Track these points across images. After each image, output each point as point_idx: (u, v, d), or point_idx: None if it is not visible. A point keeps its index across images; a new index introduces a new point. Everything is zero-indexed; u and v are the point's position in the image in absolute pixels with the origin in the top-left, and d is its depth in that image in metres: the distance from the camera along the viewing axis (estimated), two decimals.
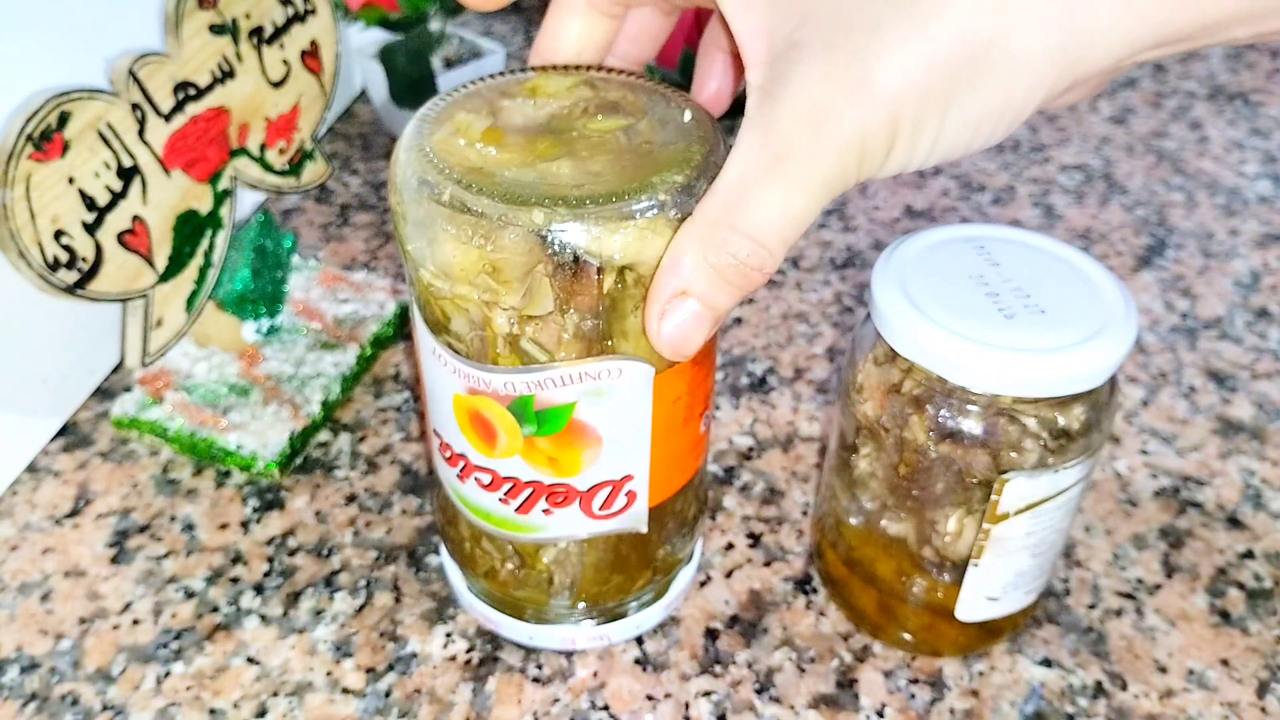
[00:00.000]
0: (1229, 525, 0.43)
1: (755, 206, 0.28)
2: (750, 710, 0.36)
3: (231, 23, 0.42)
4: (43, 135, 0.35)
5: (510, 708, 0.36)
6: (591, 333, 0.28)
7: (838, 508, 0.37)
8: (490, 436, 0.31)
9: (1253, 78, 0.77)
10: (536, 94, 0.31)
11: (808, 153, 0.27)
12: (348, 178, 0.64)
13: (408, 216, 0.28)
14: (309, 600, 0.40)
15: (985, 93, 0.26)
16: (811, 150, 0.27)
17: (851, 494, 0.36)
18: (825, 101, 0.27)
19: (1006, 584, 0.35)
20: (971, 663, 0.38)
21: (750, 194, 0.28)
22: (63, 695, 0.37)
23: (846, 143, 0.27)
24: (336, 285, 0.52)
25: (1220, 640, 0.39)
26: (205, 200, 0.43)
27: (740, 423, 0.48)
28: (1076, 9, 0.26)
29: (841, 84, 0.26)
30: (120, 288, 0.40)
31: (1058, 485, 0.32)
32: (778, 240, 0.28)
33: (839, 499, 0.37)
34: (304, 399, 0.46)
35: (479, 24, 0.82)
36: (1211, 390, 0.50)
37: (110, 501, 0.44)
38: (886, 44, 0.26)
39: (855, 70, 0.26)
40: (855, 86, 0.26)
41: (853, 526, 0.37)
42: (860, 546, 0.37)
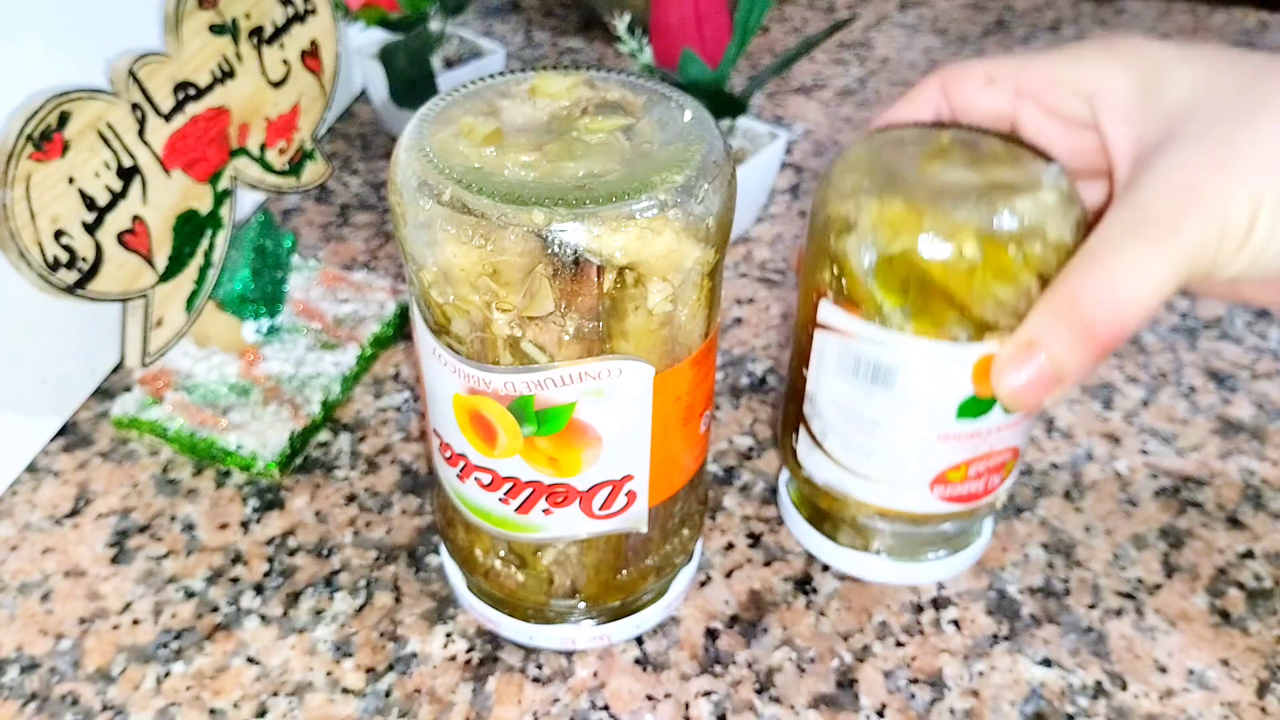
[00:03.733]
0: (1229, 525, 0.43)
1: (1113, 266, 0.29)
2: (750, 710, 0.36)
3: (231, 23, 0.42)
4: (43, 135, 0.35)
5: (510, 708, 0.36)
6: (592, 333, 0.28)
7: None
8: (490, 436, 0.31)
9: None
10: (536, 94, 0.31)
11: (1170, 221, 0.28)
12: (348, 178, 0.64)
13: (408, 217, 0.28)
14: (309, 600, 0.40)
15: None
16: (1175, 219, 0.28)
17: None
18: (1192, 180, 0.28)
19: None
20: (971, 663, 0.38)
21: (1108, 255, 0.29)
22: (63, 695, 0.37)
23: (1210, 218, 0.28)
24: (336, 285, 0.52)
25: (1220, 640, 0.39)
26: (205, 200, 0.43)
27: (740, 423, 0.48)
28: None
29: (1208, 165, 0.28)
30: (120, 288, 0.40)
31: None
32: (1132, 303, 0.29)
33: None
34: (304, 399, 0.46)
35: (479, 24, 0.82)
36: (1211, 390, 0.50)
37: (110, 501, 0.44)
38: (1257, 129, 0.28)
39: (1223, 153, 0.28)
40: (1222, 166, 0.28)
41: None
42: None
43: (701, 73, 0.51)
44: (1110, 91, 0.32)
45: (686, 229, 0.28)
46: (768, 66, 0.54)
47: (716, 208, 0.28)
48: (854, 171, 0.33)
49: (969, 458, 0.34)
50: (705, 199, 0.28)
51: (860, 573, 0.39)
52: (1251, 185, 0.28)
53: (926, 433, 0.33)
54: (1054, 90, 0.33)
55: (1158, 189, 0.29)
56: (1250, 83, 0.29)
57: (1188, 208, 0.28)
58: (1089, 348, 0.30)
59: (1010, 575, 0.41)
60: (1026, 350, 0.30)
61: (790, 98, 0.74)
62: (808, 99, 0.73)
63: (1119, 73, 0.32)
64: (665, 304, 0.29)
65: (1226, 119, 0.29)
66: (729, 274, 0.57)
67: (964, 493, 0.35)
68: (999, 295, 0.30)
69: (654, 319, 0.29)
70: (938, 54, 0.80)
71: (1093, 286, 0.29)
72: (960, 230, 0.30)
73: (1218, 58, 0.31)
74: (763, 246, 0.59)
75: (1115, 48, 0.32)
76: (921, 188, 0.31)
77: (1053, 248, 0.31)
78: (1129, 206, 0.29)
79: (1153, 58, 0.31)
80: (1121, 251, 0.29)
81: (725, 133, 0.43)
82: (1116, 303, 0.29)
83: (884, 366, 0.32)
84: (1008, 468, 0.35)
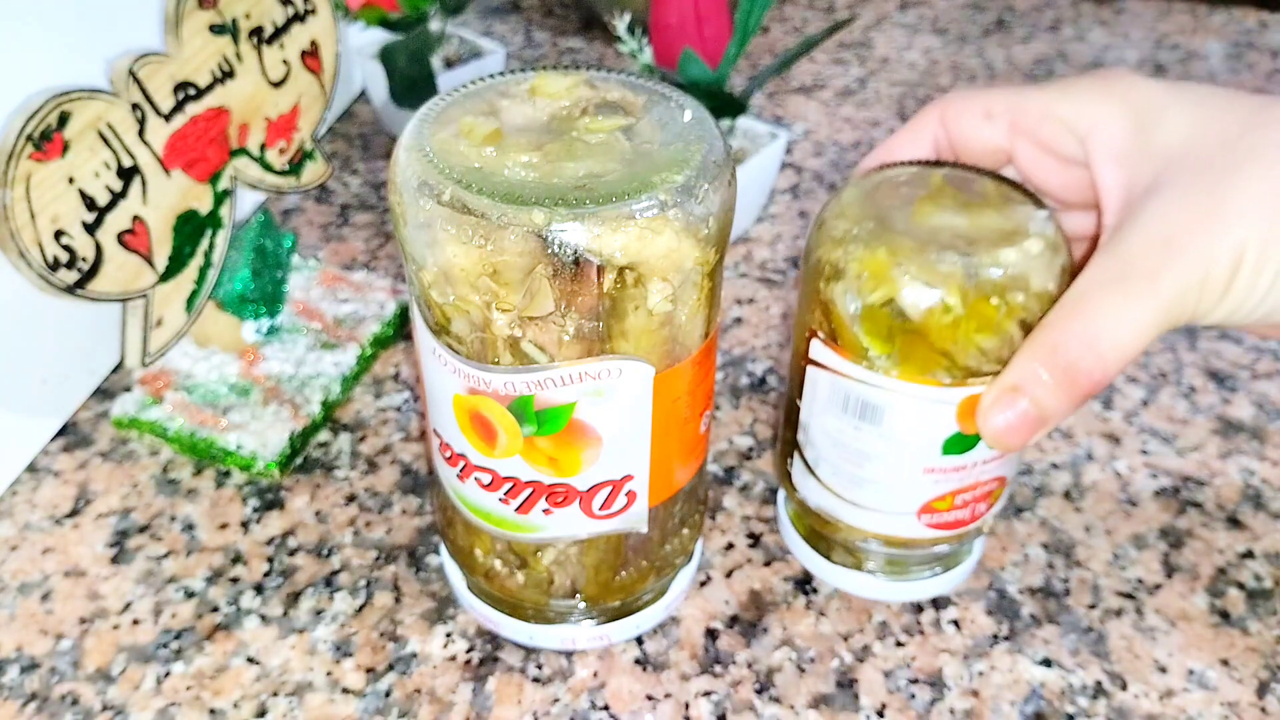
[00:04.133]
0: (1229, 525, 0.43)
1: (1094, 314, 0.29)
2: (750, 710, 0.36)
3: (231, 23, 0.42)
4: (43, 135, 0.35)
5: (510, 708, 0.36)
6: (592, 333, 0.28)
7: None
8: (490, 436, 0.31)
9: (1253, 78, 0.77)
10: (536, 94, 0.31)
11: (1153, 271, 0.29)
12: (348, 178, 0.64)
13: (408, 217, 0.28)
14: (309, 600, 0.40)
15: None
16: (1157, 269, 0.29)
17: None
18: (1176, 230, 0.29)
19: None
20: (971, 663, 0.38)
21: (1090, 303, 0.30)
22: (63, 695, 0.37)
23: (1191, 270, 0.29)
24: (336, 285, 0.52)
25: (1220, 640, 0.39)
26: (205, 200, 0.43)
27: (740, 423, 0.48)
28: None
29: (1193, 216, 0.29)
30: (120, 288, 0.40)
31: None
32: (1112, 347, 0.29)
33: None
34: (304, 399, 0.46)
35: (479, 24, 0.82)
36: (1211, 390, 0.50)
37: (110, 501, 0.44)
38: (1241, 184, 0.29)
39: (1207, 207, 0.29)
40: (1206, 217, 0.29)
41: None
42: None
43: (701, 73, 0.51)
44: (1103, 132, 0.32)
45: (686, 229, 0.28)
46: (768, 66, 0.54)
47: (716, 208, 0.28)
48: (843, 217, 0.33)
49: (954, 489, 0.35)
50: (705, 199, 0.28)
51: (853, 590, 0.39)
52: (1233, 241, 0.29)
53: (913, 467, 0.34)
54: (1048, 128, 0.33)
55: (1141, 239, 0.30)
56: (1238, 132, 0.30)
57: (1170, 260, 0.29)
58: (1071, 392, 0.30)
59: (1010, 575, 0.41)
60: (1010, 394, 0.31)
61: (790, 98, 0.74)
62: (808, 99, 0.73)
63: (1112, 114, 0.32)
64: (665, 304, 0.29)
65: (1212, 171, 0.29)
66: (729, 274, 0.57)
67: (950, 520, 0.36)
68: (982, 345, 0.31)
69: (654, 319, 0.29)
70: (938, 54, 0.80)
71: (1075, 334, 0.30)
72: (943, 283, 0.31)
73: (1210, 103, 0.31)
74: (763, 246, 0.59)
75: (1111, 87, 0.32)
76: (908, 236, 0.32)
77: (1035, 297, 0.31)
78: (1114, 255, 0.30)
79: (1146, 99, 0.32)
80: (1104, 301, 0.29)
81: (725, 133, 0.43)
82: (1098, 350, 0.30)
83: (871, 404, 0.33)
84: (994, 495, 0.36)
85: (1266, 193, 0.29)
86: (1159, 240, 0.29)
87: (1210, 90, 0.32)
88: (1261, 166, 0.29)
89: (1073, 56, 0.80)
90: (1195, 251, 0.29)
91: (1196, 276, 0.29)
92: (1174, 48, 0.81)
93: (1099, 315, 0.29)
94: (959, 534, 0.37)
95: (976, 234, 0.32)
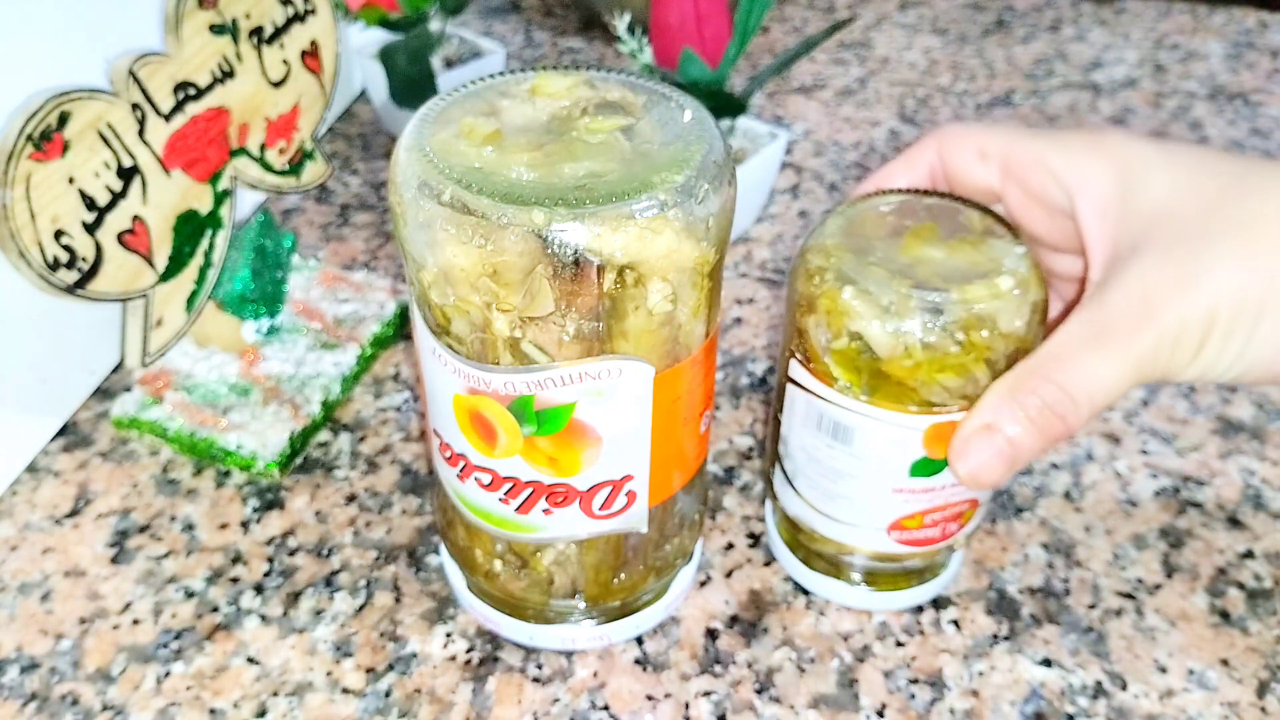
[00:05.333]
0: (1229, 525, 0.43)
1: (1070, 364, 0.31)
2: (750, 710, 0.36)
3: (231, 23, 0.42)
4: (43, 135, 0.35)
5: (510, 708, 0.36)
6: (592, 333, 0.28)
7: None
8: (490, 436, 0.31)
9: (1253, 78, 0.77)
10: (536, 94, 0.31)
11: (1129, 330, 0.31)
12: (348, 178, 0.64)
13: (408, 217, 0.28)
14: (309, 600, 0.40)
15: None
16: (1133, 329, 0.31)
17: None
18: (1153, 292, 0.31)
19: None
20: (971, 663, 0.38)
21: (1068, 354, 0.31)
22: (63, 695, 0.37)
23: (1165, 330, 0.30)
24: (336, 285, 0.52)
25: (1220, 640, 0.39)
26: (205, 200, 0.43)
27: (740, 423, 0.48)
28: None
29: (1171, 279, 0.30)
30: (120, 288, 0.40)
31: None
32: (1084, 396, 0.31)
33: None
34: (304, 399, 0.46)
35: (479, 24, 0.82)
36: (1211, 390, 0.50)
37: (110, 501, 0.44)
38: (1218, 252, 0.30)
39: (1186, 269, 0.30)
40: (1181, 283, 0.30)
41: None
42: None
43: (701, 73, 0.51)
44: (1091, 188, 0.33)
45: (686, 229, 0.28)
46: (768, 66, 0.54)
47: (716, 208, 0.28)
48: (821, 250, 0.34)
49: (924, 509, 0.36)
50: (705, 199, 0.28)
51: (833, 598, 0.40)
52: (1206, 304, 0.30)
53: (882, 486, 0.35)
54: (1038, 177, 0.34)
55: (1120, 297, 0.31)
56: (1217, 198, 0.31)
57: (1145, 320, 0.31)
58: (1044, 434, 0.32)
59: (1010, 575, 0.41)
60: (984, 432, 0.32)
61: (790, 98, 0.74)
62: (808, 99, 0.73)
63: (1101, 171, 0.33)
64: (665, 304, 0.29)
65: (1190, 235, 0.31)
66: (729, 274, 0.57)
67: (920, 538, 0.37)
68: (945, 384, 0.32)
69: (654, 319, 0.29)
70: (938, 54, 0.80)
71: (1053, 379, 0.31)
72: (907, 328, 0.31)
73: (1193, 166, 0.32)
74: (763, 246, 0.59)
75: (1101, 144, 0.34)
76: (880, 273, 0.32)
77: (1002, 336, 0.32)
78: (1094, 310, 0.31)
79: (1133, 159, 0.33)
80: (1082, 352, 0.31)
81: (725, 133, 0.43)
82: (1072, 397, 0.31)
83: (843, 426, 0.34)
84: (965, 516, 0.37)
85: (1240, 259, 0.30)
86: (1137, 299, 0.31)
87: (1196, 152, 0.33)
88: (1236, 234, 0.30)
89: (1073, 56, 0.80)
90: (1169, 314, 0.30)
91: (1170, 336, 0.30)
92: (1174, 48, 0.81)
93: (1076, 365, 0.31)
94: (930, 551, 0.37)
95: (949, 271, 0.32)
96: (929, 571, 0.39)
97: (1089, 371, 0.31)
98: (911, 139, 0.69)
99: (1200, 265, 0.30)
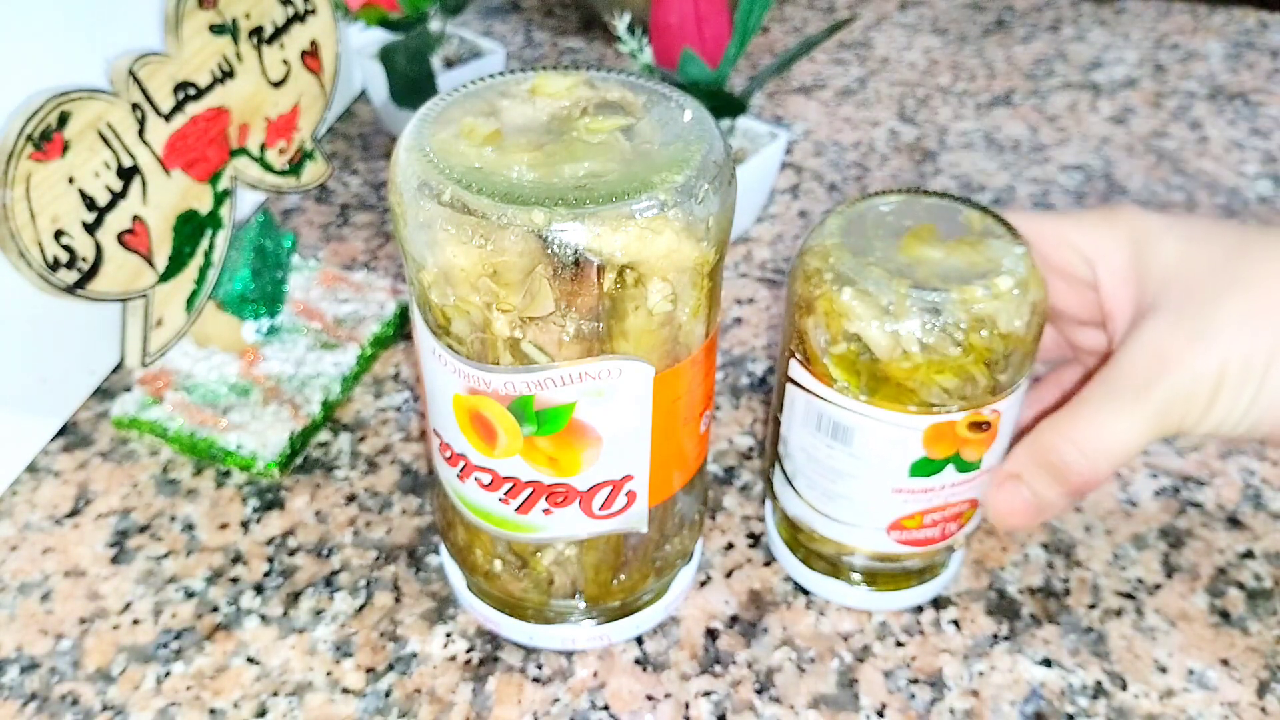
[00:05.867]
0: (1229, 525, 0.43)
1: (1087, 422, 0.33)
2: (750, 710, 0.36)
3: (231, 23, 0.42)
4: (43, 135, 0.35)
5: (510, 708, 0.36)
6: (592, 333, 0.28)
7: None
8: (490, 436, 0.31)
9: (1253, 78, 0.77)
10: (536, 94, 0.31)
11: (1143, 387, 0.32)
12: (348, 178, 0.64)
13: (408, 217, 0.28)
14: (309, 600, 0.40)
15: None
16: (1146, 385, 0.32)
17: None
18: (1165, 349, 0.32)
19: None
20: (971, 663, 0.38)
21: (1086, 411, 0.33)
22: (63, 695, 0.37)
23: (1176, 385, 0.32)
24: (336, 285, 0.52)
25: (1220, 640, 0.39)
26: (205, 200, 0.43)
27: (740, 423, 0.48)
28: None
29: (1182, 337, 0.32)
30: (120, 288, 0.40)
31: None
32: (1101, 454, 0.33)
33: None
34: (304, 399, 0.46)
35: (479, 24, 0.82)
36: None
37: (110, 501, 0.44)
38: (1225, 311, 0.32)
39: (1196, 326, 0.32)
40: (1190, 341, 0.32)
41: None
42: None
43: (701, 73, 0.51)
44: (1110, 258, 0.35)
45: (686, 229, 0.28)
46: (768, 66, 0.54)
47: (716, 208, 0.28)
48: (820, 251, 0.34)
49: (923, 509, 0.36)
50: (705, 199, 0.28)
51: (833, 598, 0.40)
52: (1217, 359, 0.32)
53: (881, 486, 0.35)
54: (1062, 254, 0.36)
55: (1135, 356, 0.33)
56: (1223, 261, 0.33)
57: (1159, 375, 0.32)
58: (1064, 489, 0.34)
59: (1010, 575, 0.41)
60: (1012, 481, 0.35)
61: (790, 98, 0.74)
62: (808, 99, 0.73)
63: (1116, 241, 0.35)
64: (665, 304, 0.29)
65: (1199, 295, 0.33)
66: (729, 274, 0.57)
67: (919, 538, 0.37)
68: (944, 385, 0.32)
69: (654, 319, 0.29)
70: (938, 54, 0.80)
71: (1069, 437, 0.33)
72: (905, 330, 0.32)
73: (1201, 233, 0.35)
74: (763, 246, 0.59)
75: (1115, 217, 0.36)
76: (879, 273, 0.32)
77: (1001, 337, 0.32)
78: (1111, 369, 0.33)
79: (1145, 228, 0.35)
80: (1098, 410, 0.33)
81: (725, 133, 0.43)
82: (1089, 455, 0.33)
83: (843, 426, 0.34)
84: (965, 516, 0.37)
85: (1247, 315, 0.32)
86: (1150, 357, 0.32)
87: (1202, 222, 0.36)
88: (1242, 294, 0.32)
89: (1073, 56, 0.80)
90: (1182, 369, 0.32)
91: (1183, 391, 0.32)
92: (1174, 48, 0.81)
93: (1092, 423, 0.33)
94: (930, 551, 0.37)
95: (948, 271, 0.32)
96: (929, 571, 0.39)
97: (1106, 430, 0.33)
98: (911, 139, 0.69)
99: (1209, 324, 0.32)
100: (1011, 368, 0.33)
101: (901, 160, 0.67)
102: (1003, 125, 0.71)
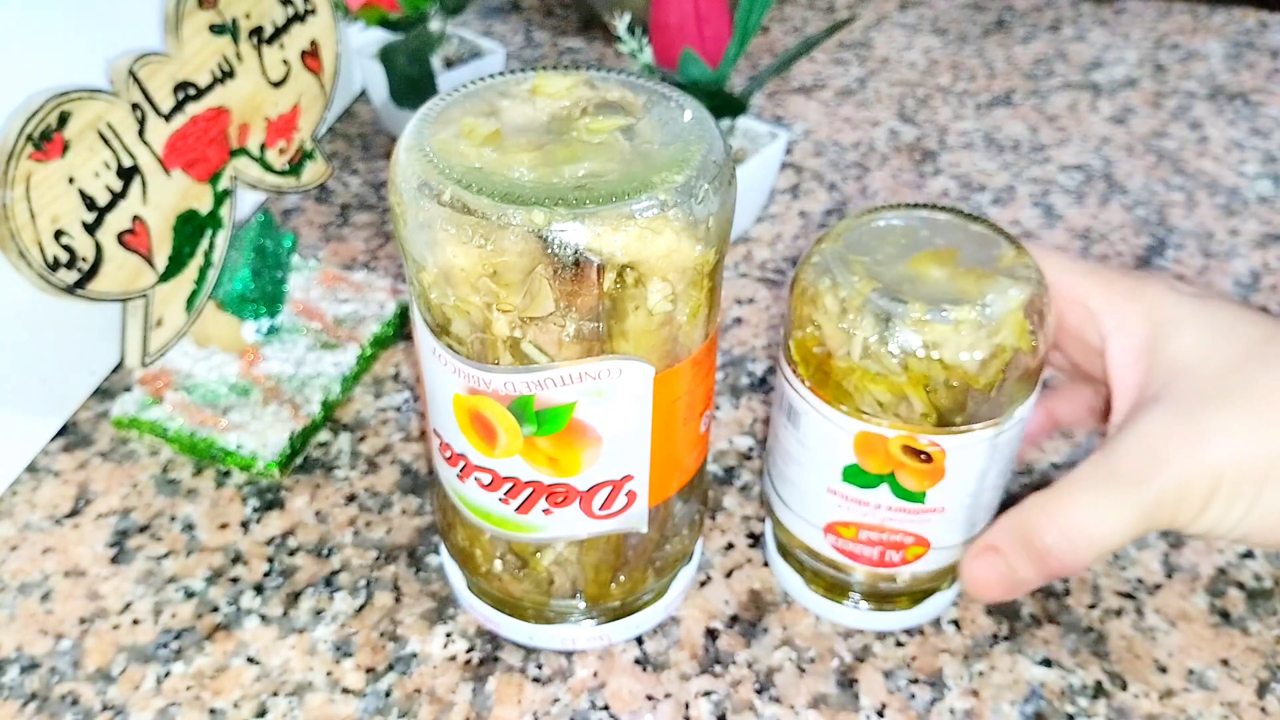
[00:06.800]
0: None
1: (1073, 507, 0.32)
2: (750, 710, 0.36)
3: (231, 23, 0.42)
4: (43, 135, 0.35)
5: (510, 708, 0.36)
6: (592, 333, 0.28)
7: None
8: (490, 436, 0.31)
9: (1253, 78, 0.77)
10: (536, 94, 0.31)
11: (1134, 481, 0.31)
12: (348, 178, 0.64)
13: (408, 217, 0.28)
14: (309, 600, 0.40)
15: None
16: (1138, 480, 0.31)
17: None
18: (1162, 447, 0.31)
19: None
20: (971, 663, 0.38)
21: (1075, 495, 0.32)
22: (63, 695, 0.37)
23: (1170, 484, 0.31)
24: (336, 285, 0.52)
25: (1220, 640, 0.39)
26: (205, 200, 0.43)
27: (740, 423, 0.48)
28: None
29: (1180, 437, 0.31)
30: (120, 288, 0.40)
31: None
32: (1085, 543, 0.32)
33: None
34: (304, 399, 0.46)
35: (479, 24, 0.82)
36: None
37: (110, 501, 0.44)
38: (1228, 415, 0.31)
39: (1195, 429, 0.31)
40: (1190, 441, 0.31)
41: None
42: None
43: (701, 73, 0.51)
44: (1125, 335, 0.34)
45: (686, 229, 0.28)
46: (768, 66, 0.54)
47: (716, 208, 0.28)
48: (833, 237, 0.34)
49: (858, 521, 0.35)
50: (705, 199, 0.28)
51: (824, 614, 0.39)
52: (1211, 463, 0.31)
53: (819, 480, 0.35)
54: (1078, 314, 0.35)
55: (1132, 446, 0.32)
56: (1239, 362, 0.32)
57: (1153, 471, 0.31)
58: (1042, 570, 0.33)
59: None
60: (990, 552, 0.34)
61: (790, 98, 0.74)
62: (808, 99, 0.73)
63: (1136, 319, 0.34)
64: (665, 304, 0.29)
65: (1206, 394, 0.31)
66: (729, 274, 0.57)
67: (855, 552, 0.36)
68: (877, 396, 0.32)
69: (654, 319, 0.29)
70: (938, 54, 0.80)
71: (1055, 521, 0.32)
72: (854, 322, 0.32)
73: (1225, 325, 0.33)
74: (763, 246, 0.59)
75: (1143, 293, 0.34)
76: (859, 272, 0.32)
77: (943, 365, 0.31)
78: (1106, 456, 0.32)
79: (1168, 311, 0.33)
80: (1087, 497, 0.32)
81: (725, 133, 0.43)
82: (1072, 541, 0.32)
83: (795, 410, 0.35)
84: (911, 552, 0.36)
85: (1252, 425, 0.31)
86: (1146, 449, 0.31)
87: (1230, 311, 0.33)
88: (1250, 399, 0.31)
89: (1073, 56, 0.80)
90: (1176, 468, 0.31)
91: (1174, 491, 0.31)
92: (1174, 48, 0.81)
93: (1080, 510, 0.32)
94: (871, 572, 0.37)
95: (935, 293, 0.31)
96: (924, 595, 0.39)
97: (1093, 518, 0.32)
98: (911, 139, 0.69)
99: (1210, 425, 0.31)
100: (958, 405, 0.31)
101: (901, 160, 0.67)
102: (1003, 125, 0.71)
